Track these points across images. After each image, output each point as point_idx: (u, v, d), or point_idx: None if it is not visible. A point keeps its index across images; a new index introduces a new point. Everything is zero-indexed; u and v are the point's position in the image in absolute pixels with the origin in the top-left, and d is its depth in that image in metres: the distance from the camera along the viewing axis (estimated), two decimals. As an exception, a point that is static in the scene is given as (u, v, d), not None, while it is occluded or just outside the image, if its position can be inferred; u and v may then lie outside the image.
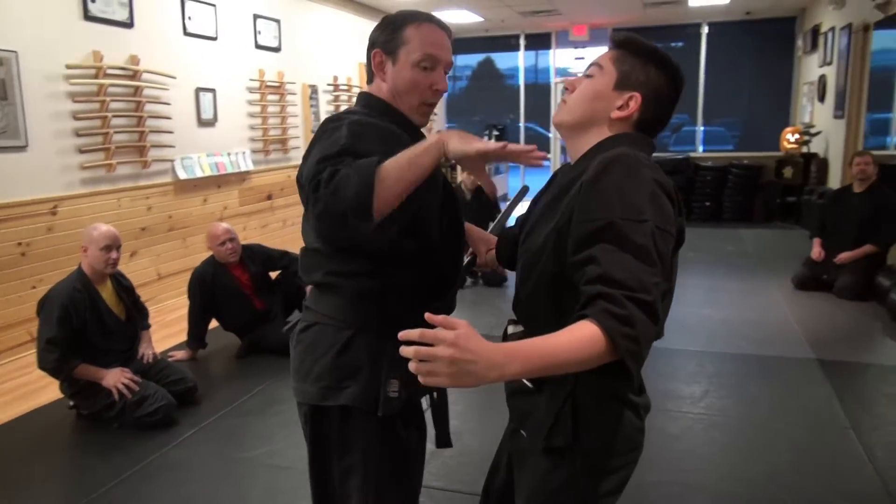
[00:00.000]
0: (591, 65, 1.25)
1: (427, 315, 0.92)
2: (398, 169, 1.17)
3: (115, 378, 2.95)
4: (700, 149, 10.07)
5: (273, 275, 4.12)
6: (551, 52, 10.71)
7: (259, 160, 6.21)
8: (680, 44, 10.57)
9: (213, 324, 3.94)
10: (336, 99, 7.53)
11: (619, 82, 1.20)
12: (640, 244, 0.99)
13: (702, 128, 10.27)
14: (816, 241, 5.11)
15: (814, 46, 8.50)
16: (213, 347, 3.95)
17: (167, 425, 2.99)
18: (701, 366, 3.62)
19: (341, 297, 1.37)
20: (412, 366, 0.90)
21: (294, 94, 6.73)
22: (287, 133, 6.55)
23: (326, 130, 1.30)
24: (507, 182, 11.14)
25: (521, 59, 10.94)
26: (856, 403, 3.14)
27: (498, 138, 10.34)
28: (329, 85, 7.38)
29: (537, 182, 1.49)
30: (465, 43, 11.25)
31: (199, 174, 5.37)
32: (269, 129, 6.30)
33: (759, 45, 10.21)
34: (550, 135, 10.88)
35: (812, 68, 8.59)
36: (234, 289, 3.84)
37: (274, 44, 6.41)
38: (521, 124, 11.07)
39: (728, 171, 8.60)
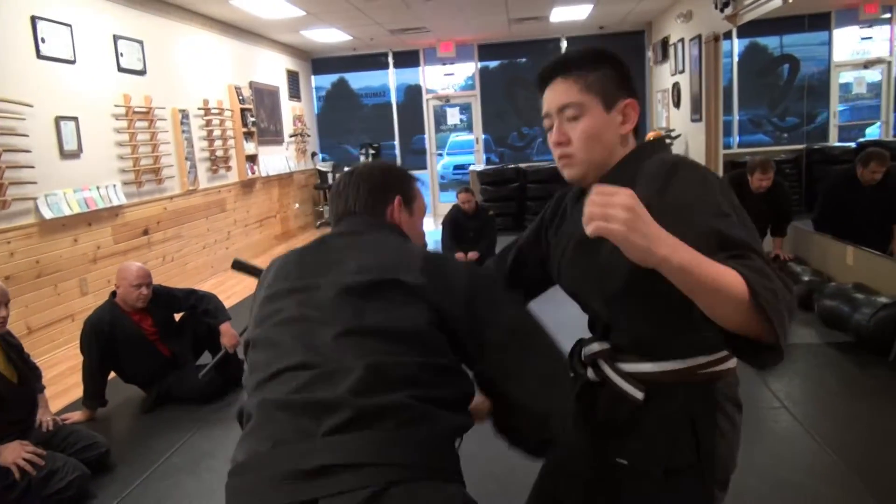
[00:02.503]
0: (562, 108, 1.15)
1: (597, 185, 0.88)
2: None
3: (14, 454, 2.50)
4: (569, 157, 10.57)
5: (177, 316, 3.74)
6: (420, 69, 10.80)
7: (131, 192, 5.68)
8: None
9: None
10: (208, 124, 7.09)
11: (605, 103, 1.15)
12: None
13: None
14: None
15: (664, 57, 9.19)
16: (114, 403, 3.51)
17: (82, 500, 2.59)
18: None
19: (437, 434, 0.99)
20: (591, 209, 0.85)
21: (164, 119, 6.24)
22: (160, 162, 6.05)
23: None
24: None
25: (391, 78, 10.93)
26: (777, 382, 3.35)
27: (374, 156, 10.28)
28: (200, 109, 6.93)
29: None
30: (332, 62, 11.08)
31: (66, 212, 4.81)
32: (140, 157, 5.78)
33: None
34: (427, 147, 10.94)
35: (664, 77, 9.27)
36: (137, 336, 3.43)
37: (138, 66, 5.91)
38: (396, 141, 11.05)
39: (600, 176, 9.07)
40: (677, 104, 8.61)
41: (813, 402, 3.13)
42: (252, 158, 8.15)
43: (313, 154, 10.69)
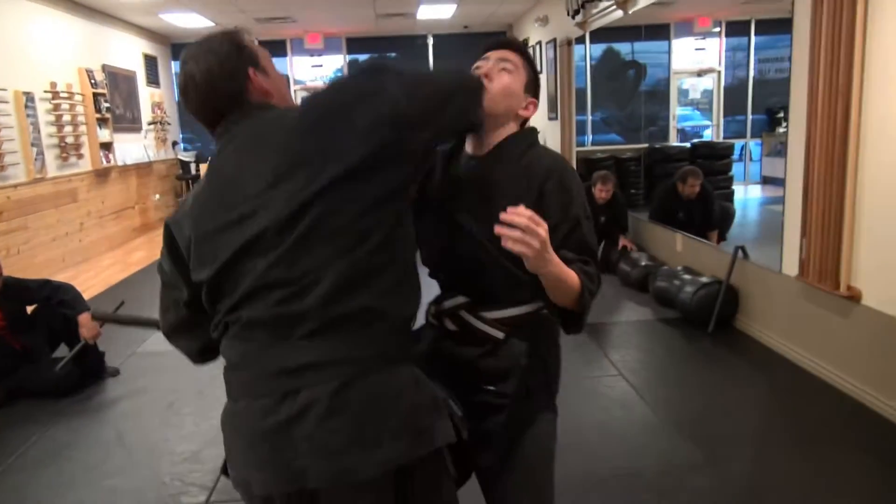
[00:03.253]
0: (502, 59, 1.38)
1: (515, 209, 1.10)
2: None
3: None
4: (436, 151, 10.88)
5: (30, 308, 3.57)
6: (288, 59, 10.67)
7: (-31, 180, 5.26)
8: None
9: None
10: (57, 108, 6.65)
11: (527, 86, 1.41)
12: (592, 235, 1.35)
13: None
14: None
15: (524, 58, 9.71)
16: (-43, 402, 3.31)
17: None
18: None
19: (390, 328, 1.14)
20: (515, 233, 1.09)
21: (6, 102, 5.80)
22: (1, 147, 5.63)
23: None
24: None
25: (256, 67, 10.71)
26: (616, 354, 3.76)
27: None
28: (47, 92, 6.49)
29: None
30: (194, 48, 10.67)
31: None
32: (-21, 143, 5.37)
33: (476, 56, 11.34)
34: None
35: (524, 77, 9.80)
36: (-15, 329, 3.25)
37: (-25, 44, 5.47)
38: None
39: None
40: (536, 103, 9.14)
41: (644, 370, 3.55)
42: (107, 146, 7.73)
43: (174, 143, 10.26)
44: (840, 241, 3.06)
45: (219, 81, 1.21)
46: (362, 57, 11.19)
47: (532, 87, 1.42)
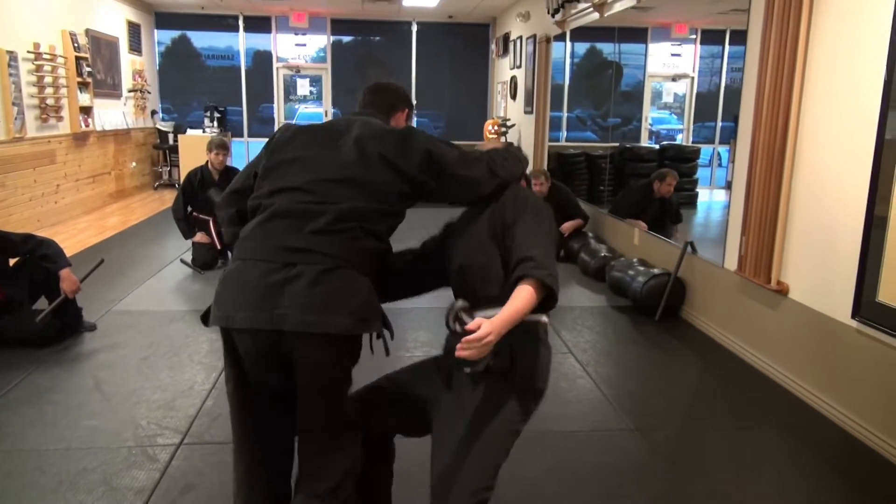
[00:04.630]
0: None
1: (472, 325, 1.44)
2: None
3: None
4: (414, 137, 11.04)
5: (12, 261, 3.71)
6: (272, 36, 10.74)
7: (-50, 135, 5.33)
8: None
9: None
10: (39, 69, 6.71)
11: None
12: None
13: (415, 119, 11.27)
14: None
15: (505, 51, 9.93)
16: (-62, 346, 3.46)
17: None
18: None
19: (368, 248, 1.64)
20: (465, 352, 1.42)
21: (-11, 60, 5.87)
22: (-17, 105, 5.71)
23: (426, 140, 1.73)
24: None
25: (241, 42, 10.77)
26: (568, 334, 4.04)
27: (219, 120, 10.12)
28: (30, 52, 6.55)
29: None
30: (178, 18, 10.69)
31: None
32: (-38, 99, 5.44)
33: (460, 45, 11.53)
34: (275, 116, 10.94)
35: (504, 70, 10.03)
36: (-31, 277, 3.40)
37: (-38, 0, 5.52)
38: (244, 107, 10.91)
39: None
40: (514, 96, 9.38)
41: (592, 350, 3.83)
42: (86, 111, 7.78)
43: (153, 112, 10.30)
44: (773, 239, 3.36)
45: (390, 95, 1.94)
46: (346, 39, 11.30)
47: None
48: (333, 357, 1.58)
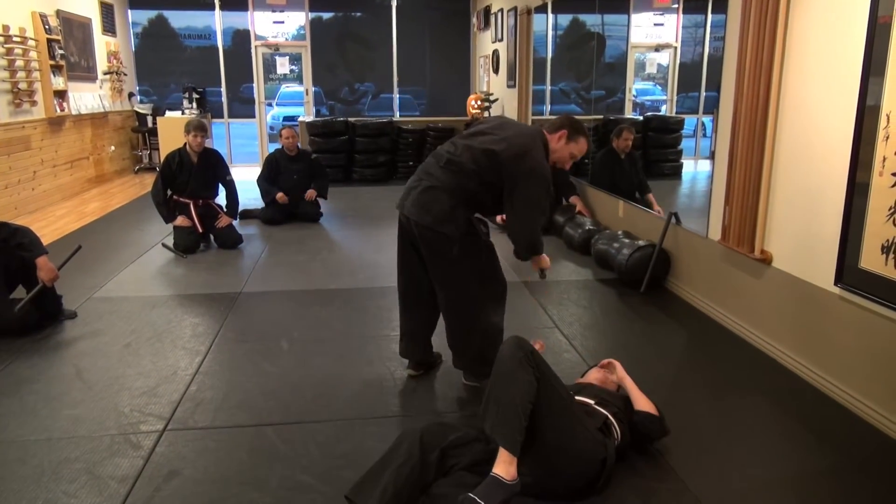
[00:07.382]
0: None
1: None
2: None
3: None
4: (397, 114, 10.94)
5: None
6: (249, 14, 10.54)
7: (-80, 122, 5.20)
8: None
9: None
10: (9, 52, 6.55)
11: None
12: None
13: (397, 95, 11.16)
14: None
15: (486, 25, 9.81)
16: (-86, 338, 3.40)
17: None
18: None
19: (461, 192, 2.67)
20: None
21: (-43, 44, 5.71)
22: (-47, 91, 5.57)
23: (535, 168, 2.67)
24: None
25: (217, 20, 10.56)
26: (554, 309, 4.03)
27: (198, 101, 9.96)
28: (0, 36, 6.38)
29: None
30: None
31: None
32: (-70, 85, 5.30)
33: (441, 20, 11.38)
34: (255, 96, 10.77)
35: (486, 44, 9.92)
36: (-57, 267, 3.33)
37: (-75, -18, 5.35)
38: (223, 87, 10.73)
39: (426, 133, 9.53)
40: (496, 70, 9.29)
41: (578, 324, 3.83)
42: (61, 94, 7.63)
43: (130, 94, 10.12)
44: (756, 208, 3.35)
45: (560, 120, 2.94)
46: (326, 15, 11.12)
47: None
48: (432, 237, 2.65)
